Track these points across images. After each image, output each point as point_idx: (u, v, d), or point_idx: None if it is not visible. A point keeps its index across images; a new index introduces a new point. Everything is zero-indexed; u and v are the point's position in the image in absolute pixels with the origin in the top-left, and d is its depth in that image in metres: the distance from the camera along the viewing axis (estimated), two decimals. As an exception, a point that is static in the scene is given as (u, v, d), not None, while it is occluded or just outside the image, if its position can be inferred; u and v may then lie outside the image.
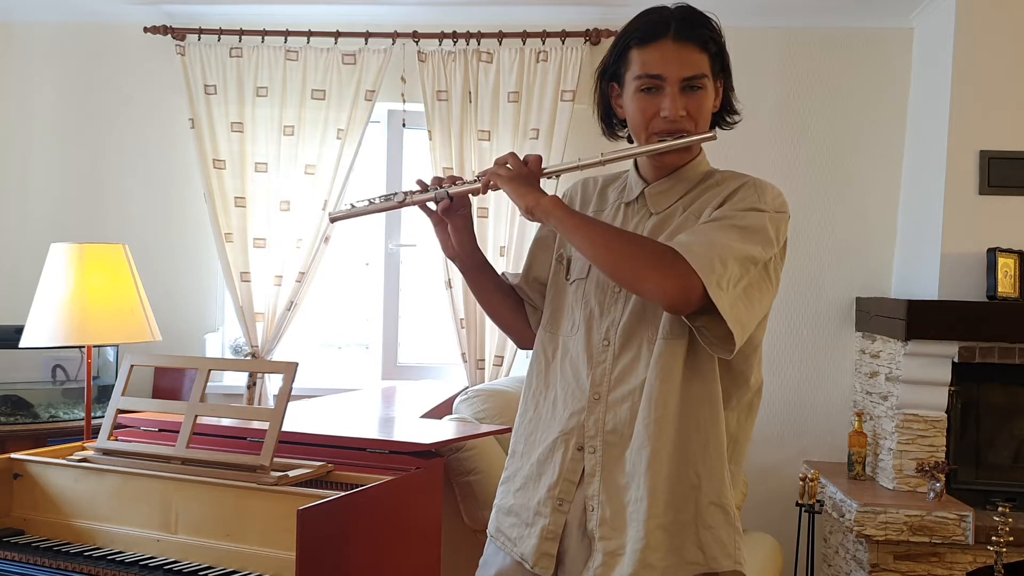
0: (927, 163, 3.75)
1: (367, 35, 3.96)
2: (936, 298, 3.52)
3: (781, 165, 4.03)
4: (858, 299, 3.99)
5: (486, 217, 3.89)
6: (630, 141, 1.66)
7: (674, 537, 1.49)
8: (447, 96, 3.94)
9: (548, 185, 1.71)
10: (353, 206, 1.70)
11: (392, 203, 1.67)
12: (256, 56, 4.00)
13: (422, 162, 4.07)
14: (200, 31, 4.00)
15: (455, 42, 3.93)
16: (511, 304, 1.78)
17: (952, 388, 3.52)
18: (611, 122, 1.67)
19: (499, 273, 1.80)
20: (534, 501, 1.59)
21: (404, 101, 4.03)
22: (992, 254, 3.49)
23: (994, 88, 3.57)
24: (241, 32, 3.99)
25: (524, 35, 3.89)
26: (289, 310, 3.99)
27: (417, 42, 3.96)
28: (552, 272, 1.72)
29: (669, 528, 1.49)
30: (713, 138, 1.57)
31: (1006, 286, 3.47)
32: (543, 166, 1.60)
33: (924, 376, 3.49)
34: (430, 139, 3.95)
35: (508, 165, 1.58)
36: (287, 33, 3.97)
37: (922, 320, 3.40)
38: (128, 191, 4.21)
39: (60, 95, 4.22)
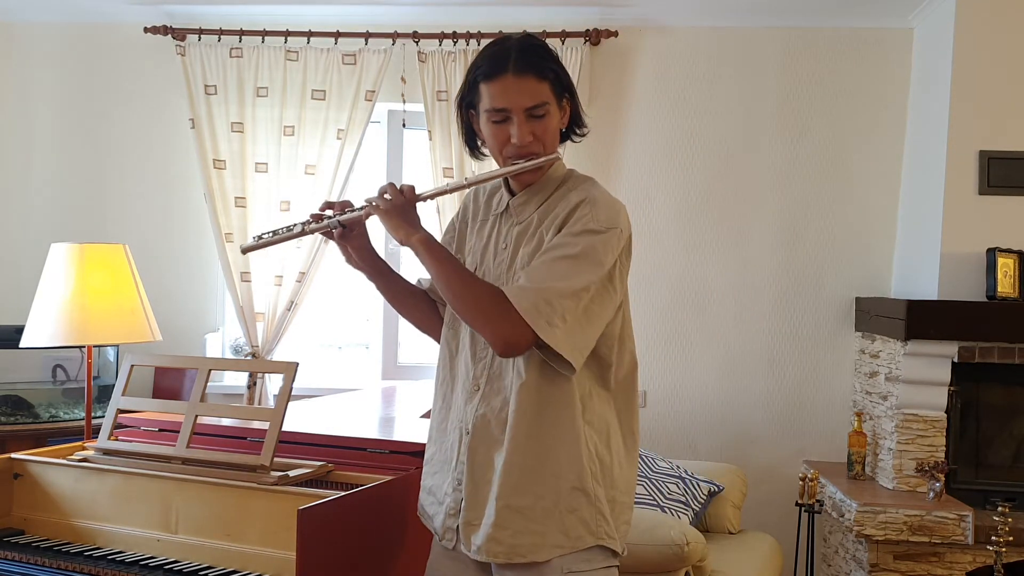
0: (927, 163, 3.75)
1: (367, 35, 3.96)
2: (936, 298, 3.52)
3: (781, 165, 4.03)
4: (858, 299, 3.99)
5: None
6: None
7: (533, 521, 1.66)
8: (447, 96, 3.95)
9: (427, 206, 1.92)
10: (260, 238, 1.88)
11: (294, 232, 1.84)
12: (256, 56, 4.01)
13: (422, 162, 4.07)
14: (200, 31, 4.00)
15: (455, 42, 3.93)
16: (423, 307, 1.95)
17: (952, 388, 3.53)
18: (475, 144, 1.82)
19: (414, 281, 1.97)
20: (444, 482, 1.78)
21: (404, 101, 4.03)
22: (992, 254, 3.49)
23: (994, 88, 3.57)
24: (241, 32, 3.99)
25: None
26: (289, 310, 3.99)
27: (417, 42, 3.96)
28: None
29: (525, 512, 1.66)
30: (558, 158, 1.74)
31: (1006, 286, 3.48)
32: (417, 192, 1.75)
33: (924, 376, 3.49)
34: (430, 139, 3.95)
35: (386, 195, 1.73)
36: (287, 33, 3.97)
37: (922, 320, 3.41)
38: (128, 191, 4.21)
39: (60, 95, 4.23)
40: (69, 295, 2.88)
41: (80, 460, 2.17)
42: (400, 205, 1.72)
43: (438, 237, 1.81)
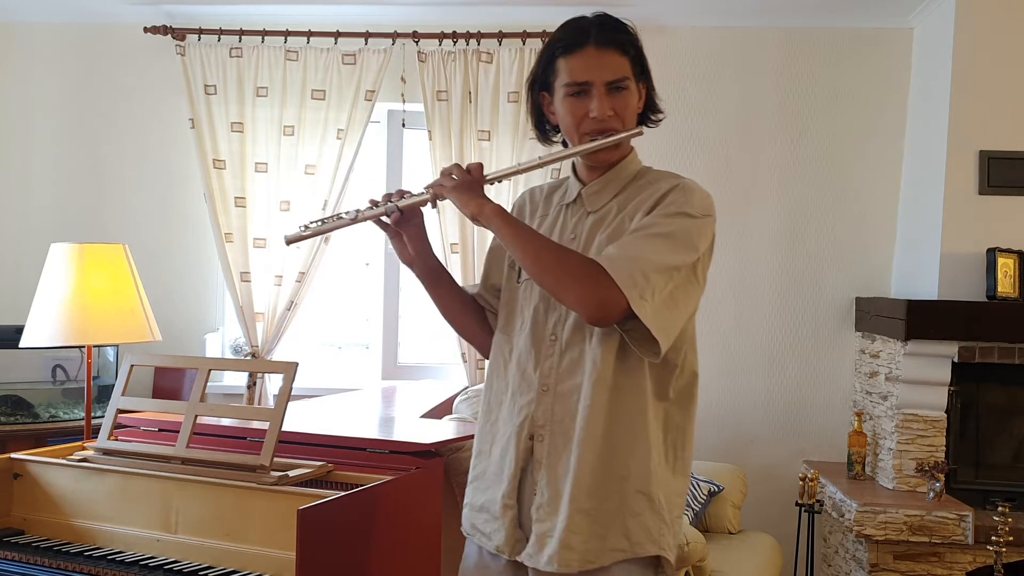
0: (927, 163, 3.75)
1: (367, 35, 3.96)
2: (936, 298, 3.52)
3: (781, 165, 4.03)
4: (858, 299, 3.99)
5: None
6: (565, 146, 1.74)
7: (597, 524, 1.58)
8: (447, 96, 3.94)
9: (492, 190, 1.78)
10: (307, 227, 1.78)
11: (344, 221, 1.76)
12: (256, 56, 4.01)
13: (422, 162, 4.07)
14: (200, 31, 4.00)
15: (455, 42, 3.93)
16: (471, 313, 1.85)
17: (952, 388, 3.52)
18: (544, 129, 1.76)
19: (463, 286, 1.88)
20: (499, 494, 1.68)
21: (404, 101, 4.03)
22: (992, 254, 3.49)
23: (994, 88, 3.57)
24: (241, 32, 3.99)
25: (524, 35, 3.90)
26: (289, 310, 3.99)
27: (417, 42, 3.96)
28: (505, 277, 1.79)
29: (592, 514, 1.58)
30: (640, 133, 1.66)
31: (1006, 286, 3.48)
32: (485, 173, 1.68)
33: (924, 376, 3.49)
34: (430, 139, 3.95)
35: (453, 175, 1.67)
36: (287, 33, 3.97)
37: (922, 320, 3.41)
38: (128, 191, 4.21)
39: (60, 95, 4.23)
40: (69, 295, 2.87)
41: (80, 460, 2.17)
42: (468, 182, 1.65)
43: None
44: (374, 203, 1.74)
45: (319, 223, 1.77)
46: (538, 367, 1.65)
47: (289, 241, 1.81)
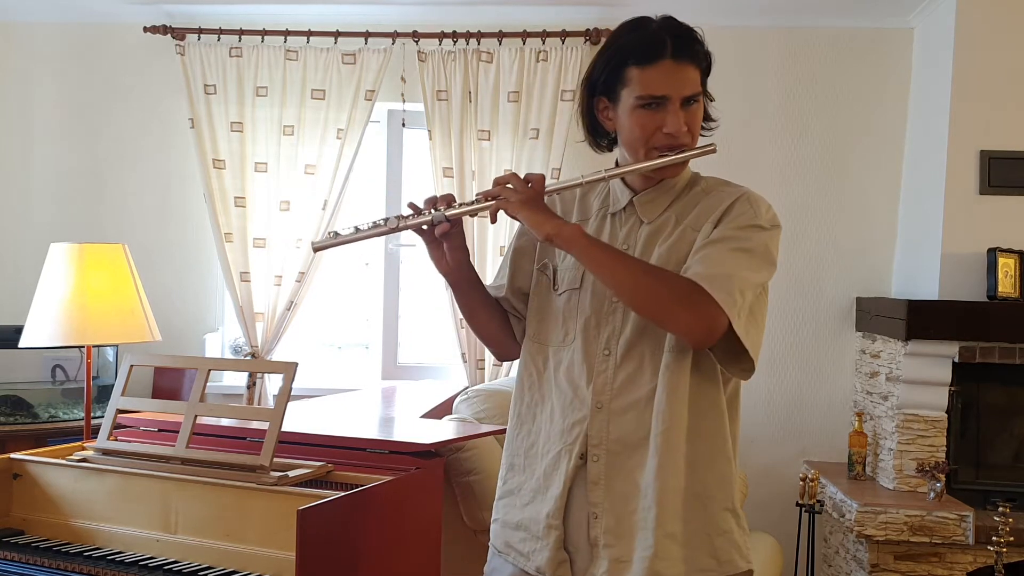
0: (927, 163, 3.75)
1: (367, 35, 3.96)
2: (936, 298, 3.52)
3: (781, 165, 4.03)
4: (858, 299, 3.98)
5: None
6: (609, 150, 1.68)
7: (684, 547, 1.52)
8: (447, 96, 3.94)
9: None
10: (337, 234, 1.64)
11: (384, 229, 1.62)
12: (256, 56, 4.00)
13: (422, 162, 4.07)
14: (200, 31, 4.00)
15: (455, 42, 3.93)
16: (499, 319, 1.77)
17: (952, 388, 3.52)
18: (596, 134, 1.66)
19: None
20: (543, 513, 1.60)
21: (404, 101, 4.02)
22: (992, 254, 3.49)
23: (994, 88, 3.57)
24: (241, 32, 3.98)
25: (524, 35, 3.89)
26: (289, 310, 3.99)
27: (417, 42, 3.95)
28: (535, 282, 1.71)
29: (679, 538, 1.52)
30: (713, 150, 1.60)
31: (1006, 286, 3.47)
32: (547, 185, 1.58)
33: (924, 376, 3.49)
34: (430, 139, 3.94)
35: (511, 186, 1.56)
36: (287, 33, 3.97)
37: (922, 320, 3.40)
38: (128, 191, 4.20)
39: (60, 95, 4.22)
40: (68, 295, 2.87)
41: (79, 460, 2.16)
42: (534, 197, 1.55)
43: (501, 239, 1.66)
44: (416, 209, 1.61)
45: (354, 230, 1.63)
46: (591, 383, 1.57)
47: (317, 248, 1.68)
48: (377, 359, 4.27)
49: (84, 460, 2.17)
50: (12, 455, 2.22)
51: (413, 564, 2.12)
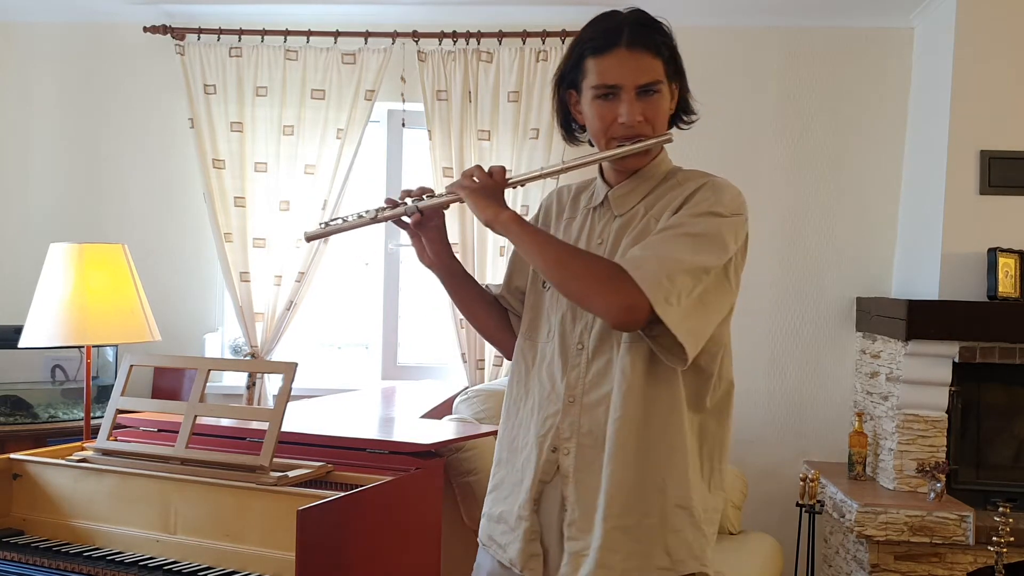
0: (927, 163, 3.74)
1: (367, 35, 3.96)
2: (937, 298, 3.52)
3: (781, 165, 4.03)
4: (859, 299, 3.98)
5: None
6: (591, 145, 1.68)
7: (638, 541, 1.52)
8: (447, 96, 3.94)
9: (514, 204, 1.72)
10: (327, 224, 1.74)
11: (365, 220, 1.70)
12: (256, 56, 4.00)
13: (422, 162, 4.07)
14: (200, 31, 4.00)
15: (455, 42, 3.93)
16: (495, 315, 1.80)
17: (953, 388, 3.52)
18: (571, 128, 1.69)
19: (483, 285, 1.83)
20: (516, 505, 1.62)
21: (404, 101, 4.02)
22: (992, 254, 3.49)
23: (994, 88, 3.56)
24: (241, 32, 3.98)
25: (524, 35, 3.89)
26: (289, 310, 3.98)
27: (417, 42, 3.95)
28: (530, 280, 1.74)
29: (631, 530, 1.52)
30: (670, 140, 1.61)
31: (1006, 286, 3.47)
32: (507, 176, 1.62)
33: (925, 376, 3.49)
34: (430, 139, 3.94)
35: (474, 177, 1.60)
36: (287, 33, 3.97)
37: (922, 320, 3.40)
38: (128, 191, 4.20)
39: (60, 95, 4.22)
40: (68, 295, 2.87)
41: (79, 460, 2.16)
42: (489, 186, 1.59)
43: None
44: (393, 202, 1.69)
45: (340, 220, 1.72)
46: (565, 377, 1.59)
47: (309, 238, 1.78)
48: (377, 359, 4.27)
49: (84, 460, 2.17)
50: (12, 455, 2.22)
51: (413, 564, 2.12)
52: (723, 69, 4.03)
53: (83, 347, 3.02)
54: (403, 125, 4.18)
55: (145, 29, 4.02)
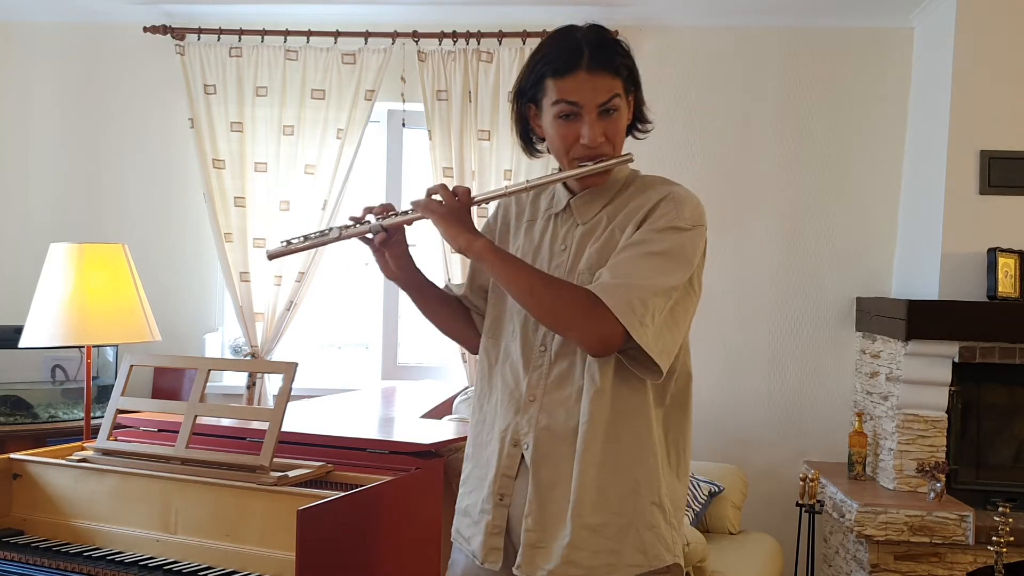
0: (927, 163, 3.75)
1: (367, 35, 3.96)
2: (936, 298, 3.52)
3: (781, 165, 4.03)
4: (858, 299, 3.98)
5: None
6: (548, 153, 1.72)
7: (608, 540, 1.56)
8: (447, 96, 3.94)
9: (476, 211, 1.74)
10: (289, 243, 1.72)
11: (328, 238, 1.70)
12: (256, 56, 4.00)
13: (422, 162, 4.07)
14: (200, 31, 4.00)
15: (455, 42, 3.93)
16: (459, 316, 1.84)
17: (952, 388, 3.52)
18: (530, 140, 1.71)
19: (442, 287, 1.86)
20: (480, 499, 1.66)
21: (404, 101, 4.02)
22: (992, 254, 3.49)
23: (994, 88, 3.57)
24: (241, 32, 3.98)
25: (524, 35, 3.89)
26: (289, 310, 3.99)
27: (417, 42, 3.95)
28: (493, 279, 1.75)
29: (600, 530, 1.55)
30: (630, 160, 1.63)
31: (1006, 286, 3.47)
32: (472, 195, 1.64)
33: (924, 376, 3.49)
34: (430, 139, 3.94)
35: (438, 197, 1.61)
36: (287, 33, 3.97)
37: (922, 320, 3.40)
38: (128, 191, 4.20)
39: (60, 95, 4.22)
40: (68, 295, 2.87)
41: (79, 460, 2.16)
42: (457, 209, 1.60)
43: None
44: (356, 220, 1.69)
45: (301, 239, 1.71)
46: (527, 376, 1.63)
47: (271, 256, 1.75)
48: (377, 359, 4.27)
49: (84, 460, 2.17)
50: (12, 455, 2.22)
51: (413, 564, 2.12)
52: (723, 69, 4.03)
53: (83, 347, 3.02)
54: (403, 125, 4.18)
55: (145, 29, 4.02)
